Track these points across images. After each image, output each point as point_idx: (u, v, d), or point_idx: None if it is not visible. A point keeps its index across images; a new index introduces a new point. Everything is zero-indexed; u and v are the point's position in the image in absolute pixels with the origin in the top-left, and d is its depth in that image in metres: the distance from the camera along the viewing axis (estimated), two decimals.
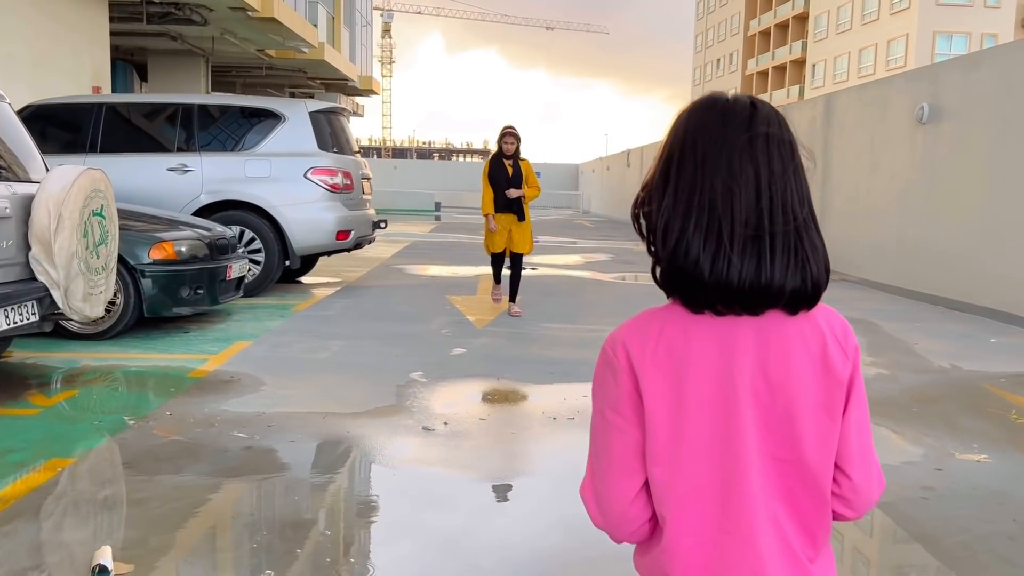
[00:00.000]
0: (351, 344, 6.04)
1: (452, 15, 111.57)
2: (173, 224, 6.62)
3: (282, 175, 8.21)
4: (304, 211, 8.18)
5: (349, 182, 8.53)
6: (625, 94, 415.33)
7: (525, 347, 6.15)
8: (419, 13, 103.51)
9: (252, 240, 8.14)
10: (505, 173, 7.34)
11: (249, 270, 8.03)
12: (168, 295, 6.09)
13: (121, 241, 5.58)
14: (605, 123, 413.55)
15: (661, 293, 1.12)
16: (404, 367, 5.35)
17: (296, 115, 8.36)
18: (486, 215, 7.42)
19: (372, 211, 9.47)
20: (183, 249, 6.22)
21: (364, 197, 9.10)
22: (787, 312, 1.07)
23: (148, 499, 3.11)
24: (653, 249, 1.10)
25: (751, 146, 1.06)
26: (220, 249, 6.63)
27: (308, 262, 9.50)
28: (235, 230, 8.04)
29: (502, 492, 3.36)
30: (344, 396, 4.67)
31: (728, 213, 1.04)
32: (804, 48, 57.55)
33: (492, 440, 3.97)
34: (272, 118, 8.38)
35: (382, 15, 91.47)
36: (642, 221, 1.13)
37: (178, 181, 8.14)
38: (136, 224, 6.29)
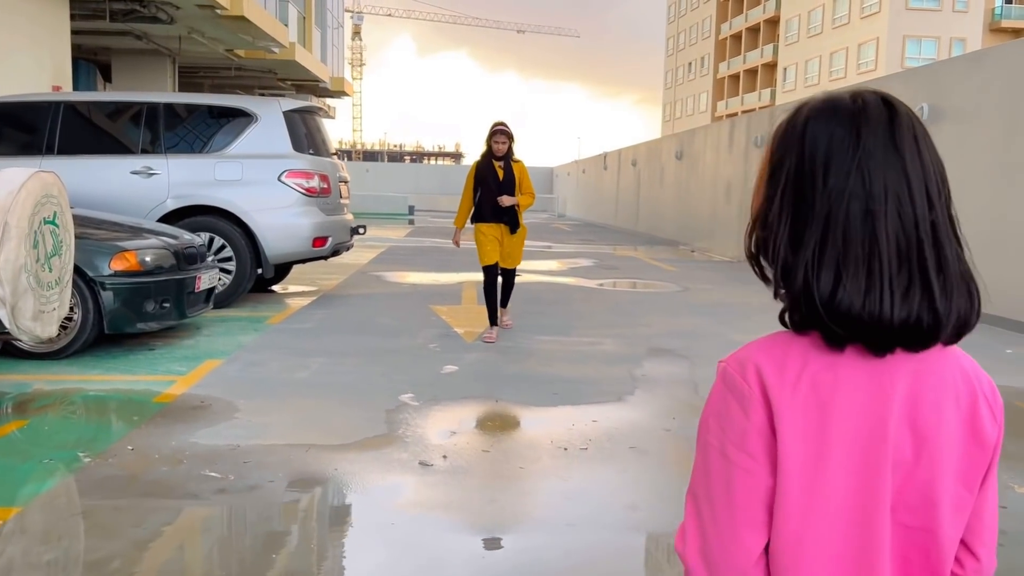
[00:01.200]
0: (332, 361, 5.57)
1: (422, 17, 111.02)
2: (137, 232, 6.10)
3: (254, 178, 7.71)
4: (278, 216, 7.69)
5: (326, 185, 8.05)
6: (596, 97, 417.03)
7: (521, 363, 5.73)
8: (389, 15, 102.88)
9: (222, 248, 7.63)
10: (495, 177, 6.44)
11: (220, 280, 7.54)
12: (131, 309, 5.58)
13: (78, 251, 5.08)
14: (577, 126, 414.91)
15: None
16: (392, 388, 4.89)
17: (269, 114, 7.86)
18: (457, 228, 6.71)
19: (350, 216, 9.00)
20: (148, 259, 5.71)
21: (342, 201, 8.62)
22: (947, 342, 0.93)
23: (105, 559, 2.64)
24: (782, 291, 0.93)
25: (897, 157, 0.90)
26: (188, 258, 6.13)
27: (282, 270, 9.00)
28: (204, 237, 7.54)
29: (518, 544, 2.93)
30: (328, 424, 4.20)
31: (876, 240, 0.89)
32: (775, 52, 57.81)
33: (498, 477, 3.53)
34: (243, 117, 7.87)
35: (352, 17, 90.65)
36: (763, 261, 0.96)
37: (142, 185, 7.60)
38: (95, 232, 5.77)
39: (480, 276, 6.77)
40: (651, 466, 3.74)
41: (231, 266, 7.64)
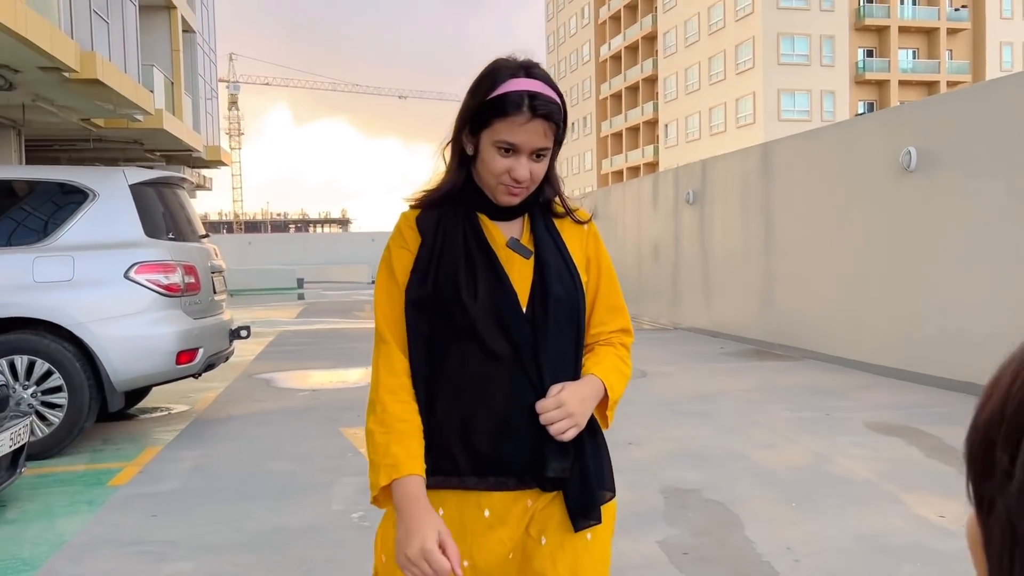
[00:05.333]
0: (203, 570, 3.60)
1: (300, 85, 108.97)
2: None
3: (92, 277, 5.67)
4: (127, 326, 5.66)
5: (193, 280, 6.09)
6: None
7: None
8: (267, 84, 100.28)
9: (48, 375, 5.54)
10: (496, 267, 1.59)
11: (44, 420, 5.44)
12: None
13: None
14: None
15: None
16: None
17: (111, 189, 5.88)
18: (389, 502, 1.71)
19: (228, 315, 7.01)
20: None
21: (215, 298, 6.64)
22: None
23: None
24: None
25: None
26: None
27: (138, 392, 6.89)
28: (20, 363, 5.45)
29: None
30: None
31: None
32: (656, 108, 58.76)
33: None
34: (76, 195, 5.86)
35: (228, 87, 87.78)
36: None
37: None
38: None
39: None
40: None
41: (61, 399, 5.54)
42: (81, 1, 13.86)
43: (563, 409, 1.51)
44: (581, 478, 1.56)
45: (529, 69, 1.54)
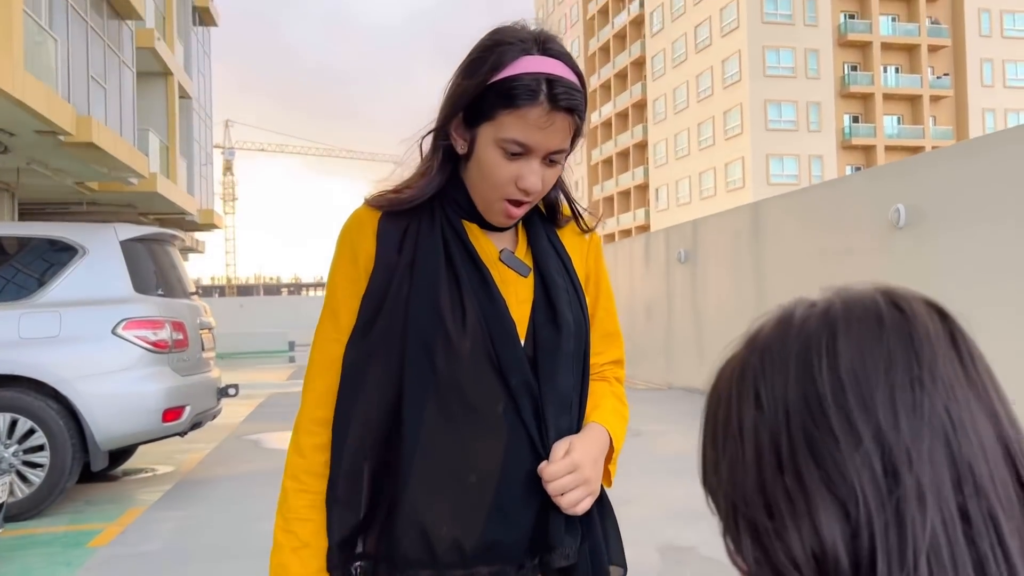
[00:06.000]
0: None
1: (295, 151, 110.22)
2: None
3: (79, 333, 5.60)
4: (113, 384, 5.56)
5: (181, 336, 6.02)
6: None
7: None
8: (262, 151, 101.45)
9: (30, 433, 5.42)
10: (490, 285, 1.24)
11: (25, 480, 5.32)
12: None
13: None
14: None
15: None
16: None
17: (101, 246, 5.85)
18: None
19: (216, 372, 6.92)
20: None
21: (204, 355, 6.57)
22: None
23: None
24: None
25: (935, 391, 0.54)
26: None
27: (122, 451, 6.76)
28: (2, 421, 5.35)
29: None
30: None
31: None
32: (646, 174, 59.56)
33: None
34: (65, 252, 5.83)
35: (223, 153, 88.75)
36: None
37: None
38: None
39: None
40: None
41: (43, 458, 5.41)
42: (79, 66, 14.10)
43: (577, 474, 1.17)
44: (592, 556, 1.24)
45: (545, 44, 1.17)
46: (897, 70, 49.84)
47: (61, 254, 5.82)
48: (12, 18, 10.56)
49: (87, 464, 5.63)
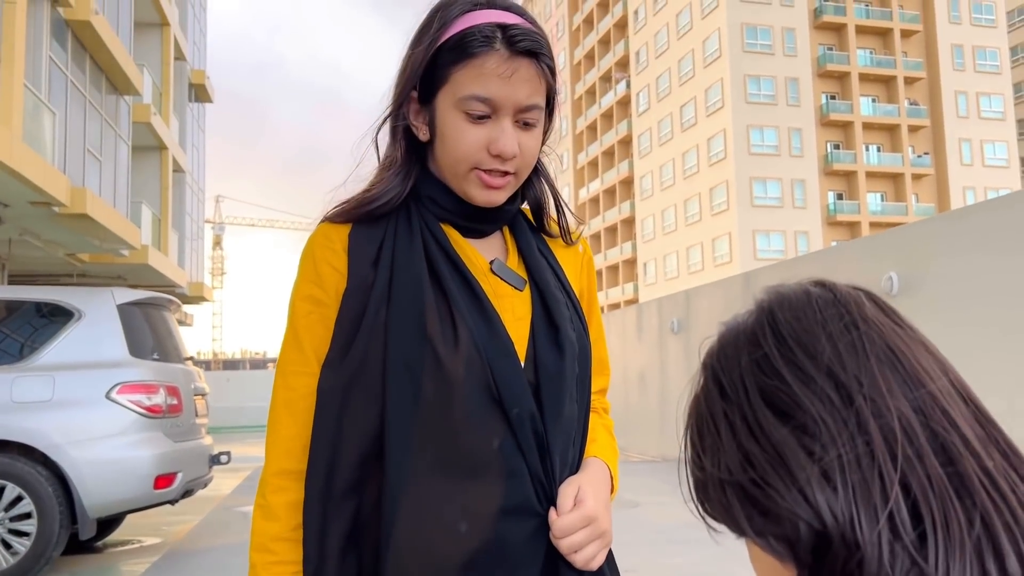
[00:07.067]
0: None
1: (285, 226, 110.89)
2: None
3: (72, 397, 5.52)
4: (104, 449, 5.45)
5: (176, 401, 5.94)
6: None
7: None
8: (252, 226, 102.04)
9: (18, 500, 5.28)
10: (479, 301, 1.08)
11: (9, 548, 5.16)
12: None
13: None
14: None
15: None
16: None
17: (98, 309, 5.82)
18: None
19: (208, 439, 6.81)
20: None
21: (197, 421, 6.47)
22: None
23: None
24: None
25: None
26: None
27: (109, 519, 6.58)
28: None
29: None
30: None
31: None
32: (634, 248, 60.18)
33: None
34: (61, 316, 5.79)
35: (213, 228, 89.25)
36: None
37: None
38: None
39: None
40: None
41: (29, 526, 5.26)
42: (76, 139, 14.28)
43: (592, 528, 1.01)
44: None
45: (492, 1, 1.05)
46: (879, 149, 51.06)
47: (57, 317, 5.79)
48: (13, 91, 10.74)
49: (73, 534, 5.48)
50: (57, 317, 5.79)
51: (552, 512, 1.01)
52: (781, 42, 49.03)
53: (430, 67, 1.03)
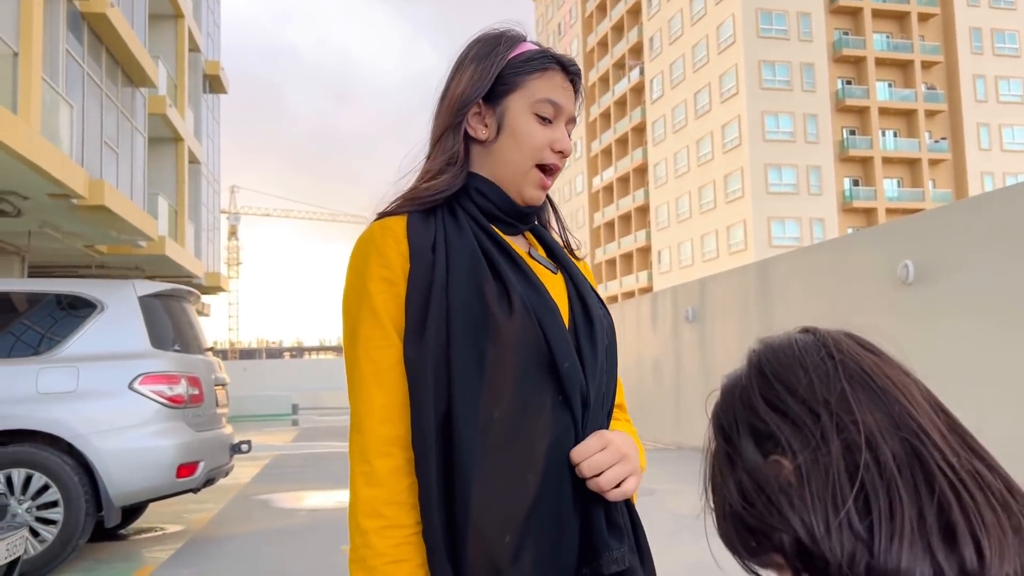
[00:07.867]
0: None
1: (300, 216, 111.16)
2: None
3: (96, 388, 5.63)
4: (127, 439, 5.56)
5: (197, 391, 6.04)
6: None
7: None
8: (267, 216, 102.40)
9: (44, 489, 5.40)
10: (533, 281, 1.20)
11: (37, 536, 5.27)
12: None
13: None
14: None
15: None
16: None
17: (120, 301, 5.92)
18: None
19: (229, 429, 6.91)
20: None
21: (218, 411, 6.57)
22: None
23: None
24: None
25: None
26: None
27: (133, 508, 6.70)
28: (18, 476, 5.33)
29: None
30: None
31: None
32: (648, 237, 59.95)
33: None
34: (84, 308, 5.89)
35: (228, 218, 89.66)
36: None
37: None
38: None
39: None
40: None
41: (56, 514, 5.38)
42: (93, 132, 14.39)
43: (611, 450, 1.09)
44: (644, 567, 1.15)
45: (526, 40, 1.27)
46: (895, 134, 50.57)
47: (80, 310, 5.88)
48: (31, 85, 10.84)
49: (98, 522, 5.59)
50: (80, 309, 5.88)
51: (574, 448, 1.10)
52: (796, 27, 48.59)
53: (503, 74, 1.21)
